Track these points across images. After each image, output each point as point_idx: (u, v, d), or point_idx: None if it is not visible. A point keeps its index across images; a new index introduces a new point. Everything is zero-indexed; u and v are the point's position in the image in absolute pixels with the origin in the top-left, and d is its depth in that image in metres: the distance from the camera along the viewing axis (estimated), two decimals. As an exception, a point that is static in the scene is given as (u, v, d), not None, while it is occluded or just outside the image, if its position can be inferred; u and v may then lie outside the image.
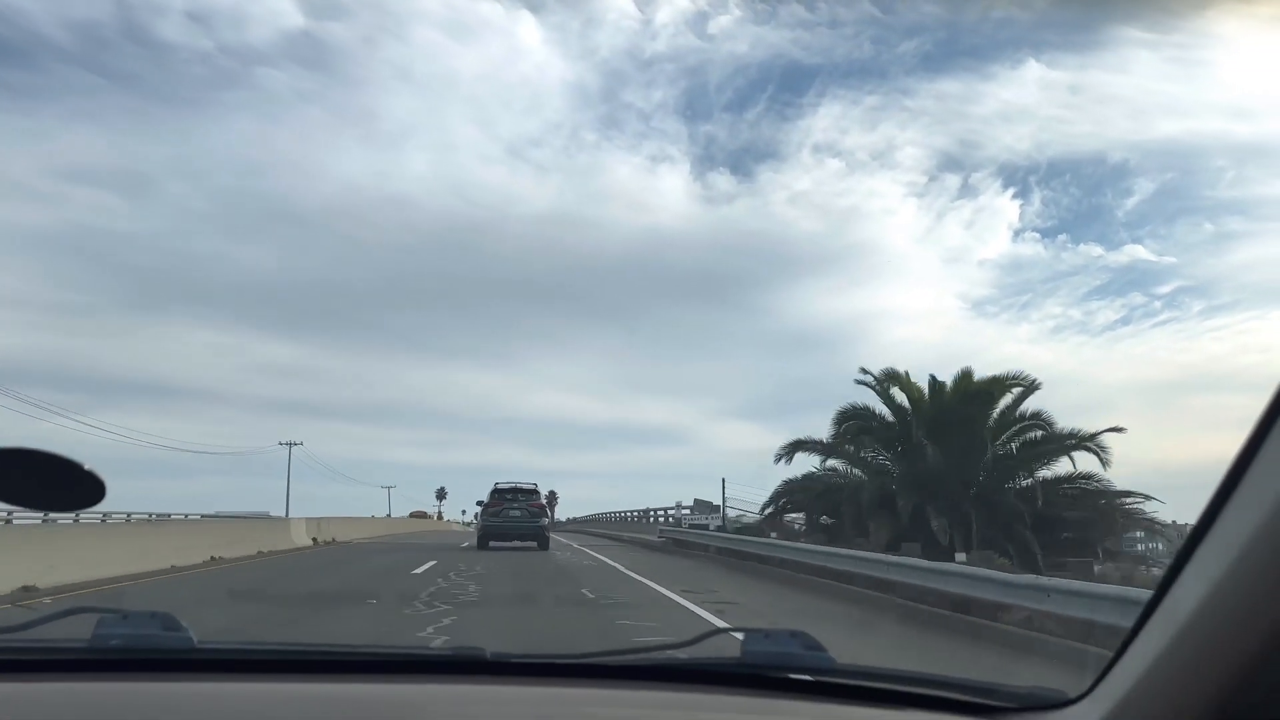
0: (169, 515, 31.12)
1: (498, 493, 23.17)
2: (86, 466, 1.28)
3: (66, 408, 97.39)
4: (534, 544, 22.34)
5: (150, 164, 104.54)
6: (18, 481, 1.27)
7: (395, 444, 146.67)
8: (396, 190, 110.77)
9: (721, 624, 7.33)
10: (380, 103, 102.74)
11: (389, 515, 70.97)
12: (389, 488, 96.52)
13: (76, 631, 1.50)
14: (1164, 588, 1.01)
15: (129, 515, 26.51)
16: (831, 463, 22.13)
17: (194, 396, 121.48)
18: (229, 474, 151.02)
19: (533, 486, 23.66)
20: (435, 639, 7.07)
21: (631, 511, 41.75)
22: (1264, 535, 0.82)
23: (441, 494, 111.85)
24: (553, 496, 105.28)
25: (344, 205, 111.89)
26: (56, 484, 1.27)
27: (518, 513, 22.42)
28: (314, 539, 24.74)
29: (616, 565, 18.22)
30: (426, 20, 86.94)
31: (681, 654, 1.55)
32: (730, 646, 1.53)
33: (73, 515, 15.87)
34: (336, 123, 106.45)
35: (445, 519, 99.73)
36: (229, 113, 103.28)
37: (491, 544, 22.25)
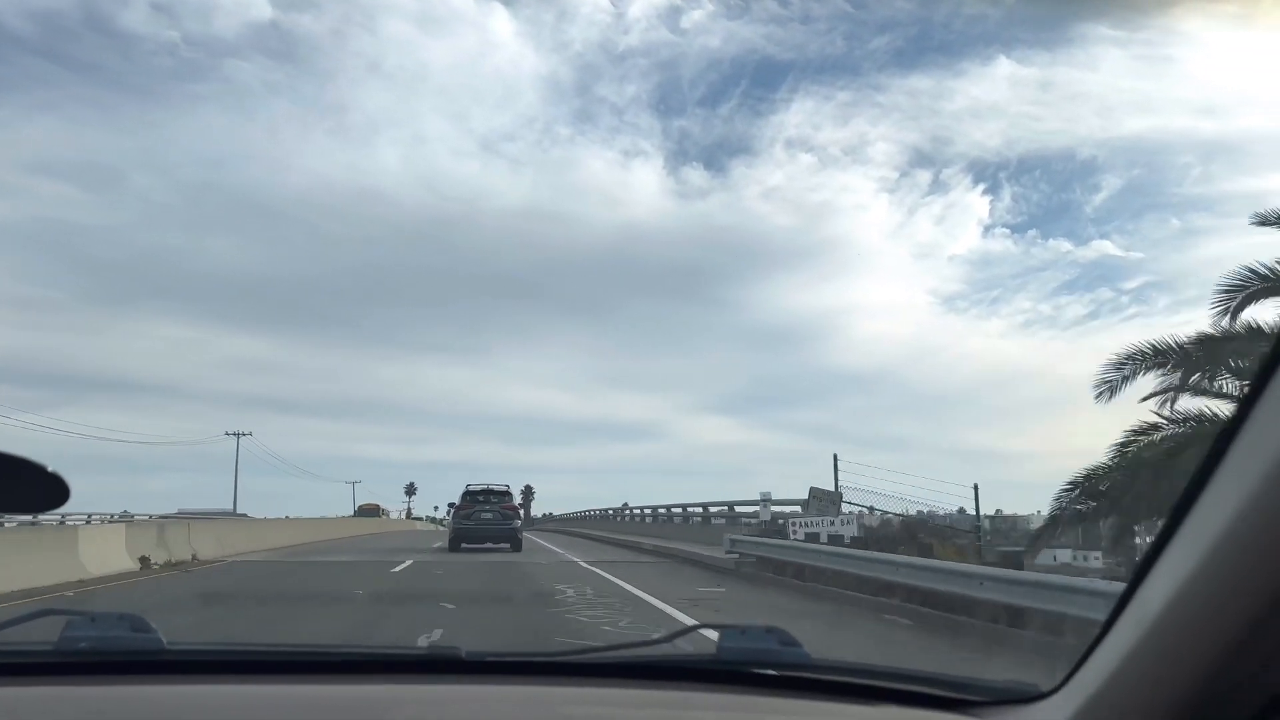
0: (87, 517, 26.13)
1: (469, 494, 22.97)
2: (50, 469, 1.25)
3: (29, 405, 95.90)
4: (506, 546, 22.23)
5: (116, 156, 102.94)
6: None
7: (367, 440, 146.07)
8: (367, 184, 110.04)
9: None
10: (350, 95, 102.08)
11: (354, 514, 68.17)
12: (354, 483, 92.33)
13: (44, 634, 1.48)
14: (1136, 582, 1.02)
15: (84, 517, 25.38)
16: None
17: (161, 392, 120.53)
18: (199, 471, 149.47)
19: (505, 488, 23.53)
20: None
21: (667, 508, 31.13)
22: (1234, 531, 0.83)
23: (411, 490, 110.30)
24: (529, 491, 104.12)
25: (314, 199, 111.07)
26: (18, 486, 1.24)
27: (489, 515, 22.25)
28: (144, 559, 15.55)
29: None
30: (397, 12, 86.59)
31: (657, 650, 1.56)
32: (707, 643, 1.54)
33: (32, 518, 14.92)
34: (306, 115, 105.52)
35: (412, 516, 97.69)
36: (196, 105, 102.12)
37: (463, 546, 22.14)
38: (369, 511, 69.29)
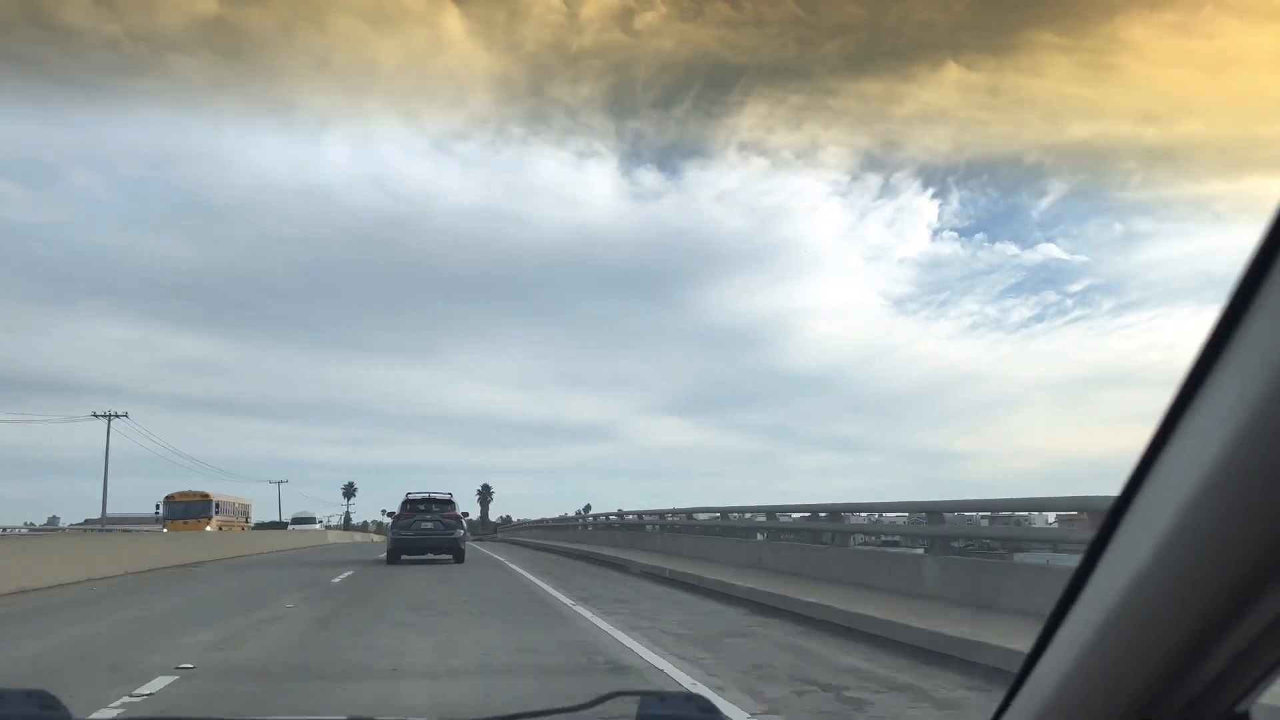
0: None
1: (409, 503, 22.37)
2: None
3: None
4: (449, 557, 21.78)
5: (55, 153, 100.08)
6: None
7: (314, 442, 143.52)
8: (315, 182, 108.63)
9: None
10: (298, 93, 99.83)
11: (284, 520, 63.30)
12: (279, 483, 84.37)
13: None
14: (1065, 605, 0.96)
15: None
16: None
17: (101, 393, 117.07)
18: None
19: (447, 496, 22.90)
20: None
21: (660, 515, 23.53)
22: (1168, 546, 0.79)
23: (350, 490, 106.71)
24: (486, 491, 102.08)
25: (260, 197, 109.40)
26: None
27: (430, 524, 21.69)
28: None
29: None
30: (346, 8, 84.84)
31: (577, 718, 1.53)
32: (628, 711, 1.50)
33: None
34: (252, 112, 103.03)
35: (351, 525, 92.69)
36: (139, 101, 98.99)
37: (403, 558, 21.56)
38: (186, 501, 42.67)
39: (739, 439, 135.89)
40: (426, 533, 21.63)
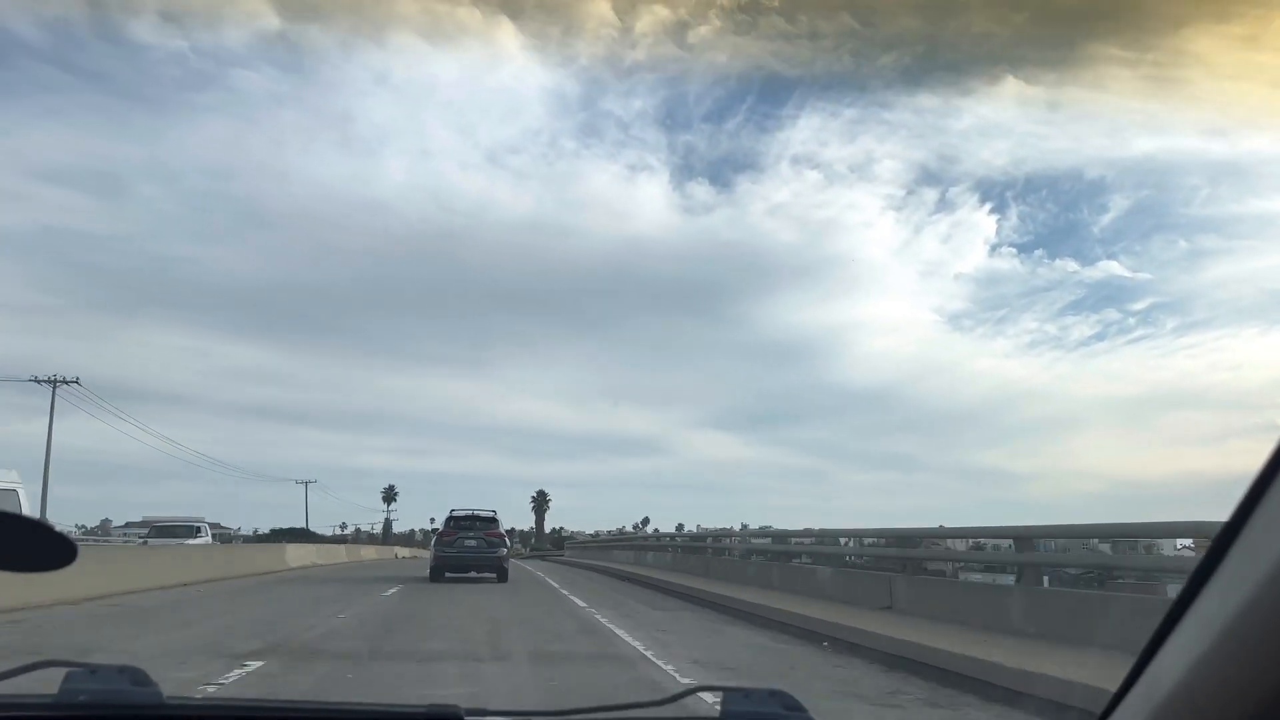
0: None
1: (453, 520, 22.44)
2: (57, 529, 1.30)
3: (33, 411, 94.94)
4: (492, 575, 21.78)
5: (122, 165, 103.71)
6: None
7: (368, 451, 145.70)
8: (373, 195, 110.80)
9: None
10: (357, 107, 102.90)
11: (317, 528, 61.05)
12: (306, 483, 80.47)
13: (43, 686, 1.47)
14: (1178, 611, 0.94)
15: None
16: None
17: (163, 400, 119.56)
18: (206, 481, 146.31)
19: (491, 514, 22.96)
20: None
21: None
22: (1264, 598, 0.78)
23: (390, 495, 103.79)
24: (541, 498, 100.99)
25: (319, 210, 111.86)
26: (27, 546, 1.28)
27: (474, 542, 21.74)
28: None
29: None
30: (404, 25, 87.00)
31: (657, 713, 1.53)
32: (708, 706, 1.50)
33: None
34: (312, 126, 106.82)
35: (390, 535, 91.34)
36: (203, 114, 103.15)
37: (447, 575, 21.68)
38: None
39: (789, 455, 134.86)
40: (470, 550, 21.68)
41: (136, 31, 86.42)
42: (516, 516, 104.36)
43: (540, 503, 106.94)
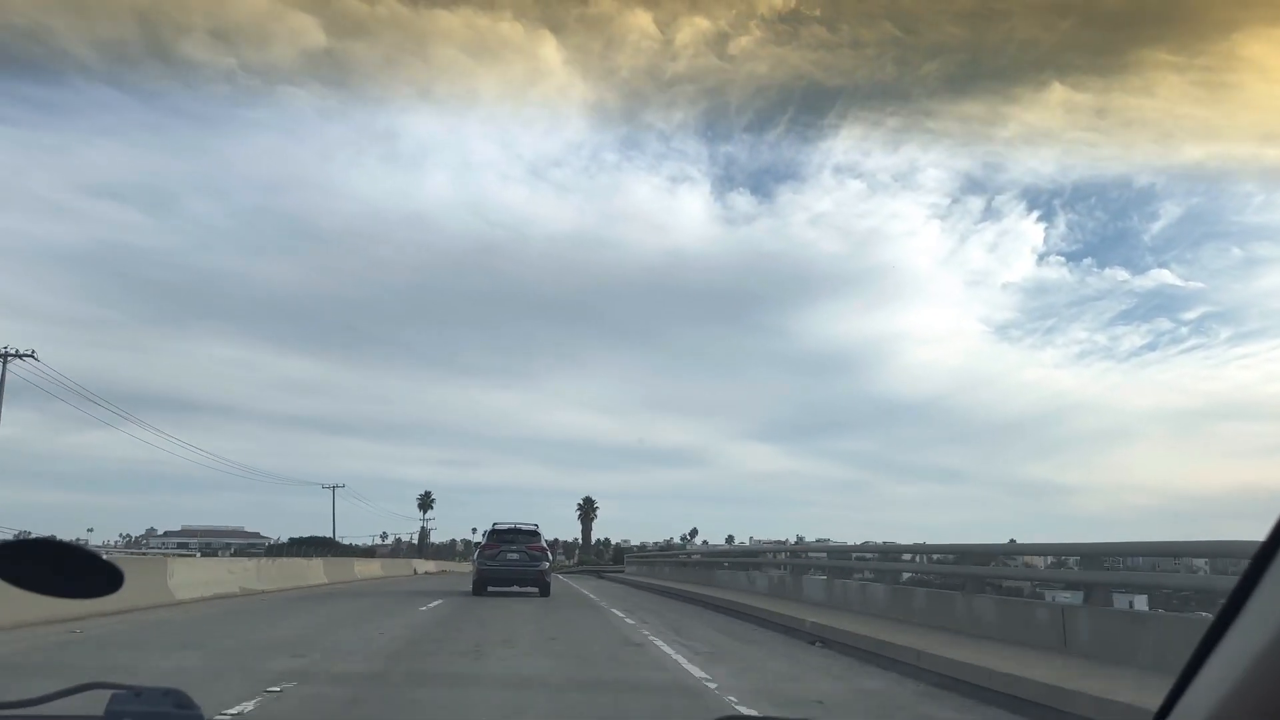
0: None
1: (496, 534, 22.56)
2: (105, 556, 1.35)
3: (88, 422, 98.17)
4: (534, 589, 21.83)
5: (173, 181, 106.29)
6: (41, 571, 1.33)
7: (411, 462, 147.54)
8: (416, 209, 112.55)
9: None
10: (401, 122, 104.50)
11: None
12: (334, 487, 77.82)
13: (89, 708, 1.50)
14: (1187, 676, 0.93)
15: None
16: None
17: (213, 411, 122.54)
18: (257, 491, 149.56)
19: (533, 527, 23.03)
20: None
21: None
22: None
23: (427, 503, 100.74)
24: (588, 505, 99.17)
25: (364, 223, 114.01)
26: (76, 573, 1.33)
27: (516, 556, 21.85)
28: None
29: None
30: (447, 40, 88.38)
31: None
32: None
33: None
34: (358, 141, 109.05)
35: (425, 543, 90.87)
36: (251, 131, 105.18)
37: (490, 589, 21.77)
38: None
39: (832, 467, 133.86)
40: (512, 564, 21.79)
41: (187, 50, 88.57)
42: (558, 527, 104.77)
43: (587, 511, 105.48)
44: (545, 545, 23.02)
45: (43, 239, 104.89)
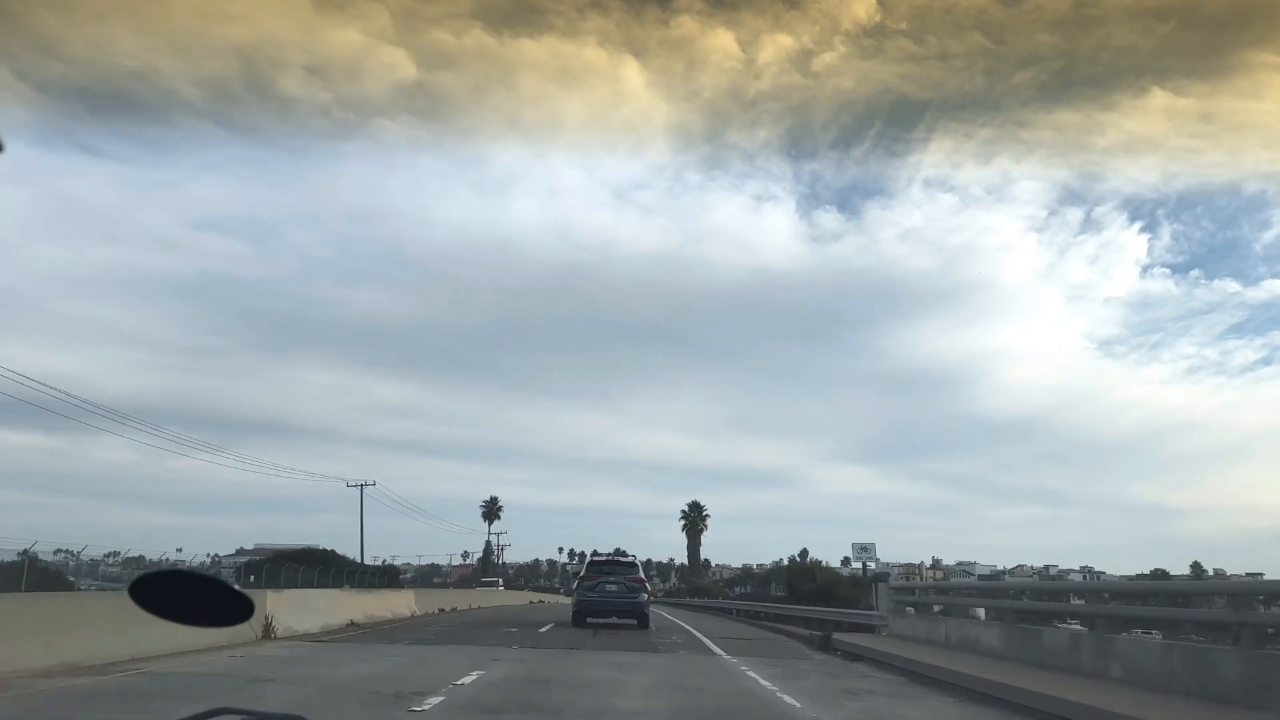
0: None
1: (594, 565, 22.73)
2: (236, 587, 1.44)
3: (196, 446, 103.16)
4: (633, 621, 21.81)
5: (273, 212, 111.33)
6: (179, 600, 1.43)
7: (500, 484, 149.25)
8: (504, 234, 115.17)
9: None
10: (489, 150, 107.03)
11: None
12: (361, 485, 70.39)
13: None
14: None
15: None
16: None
17: (313, 435, 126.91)
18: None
19: (631, 558, 23.10)
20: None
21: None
22: None
23: (492, 510, 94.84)
24: (696, 510, 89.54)
25: (455, 249, 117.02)
26: (210, 602, 1.43)
27: (615, 587, 21.89)
28: None
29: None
30: (533, 69, 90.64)
31: None
32: None
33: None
34: (448, 170, 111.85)
35: (495, 562, 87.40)
36: (346, 162, 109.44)
37: (589, 620, 21.85)
38: None
39: (925, 489, 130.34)
40: (611, 595, 21.84)
41: (285, 86, 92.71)
42: (646, 548, 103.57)
43: (694, 521, 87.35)
44: (644, 577, 23.05)
45: (154, 271, 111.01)
